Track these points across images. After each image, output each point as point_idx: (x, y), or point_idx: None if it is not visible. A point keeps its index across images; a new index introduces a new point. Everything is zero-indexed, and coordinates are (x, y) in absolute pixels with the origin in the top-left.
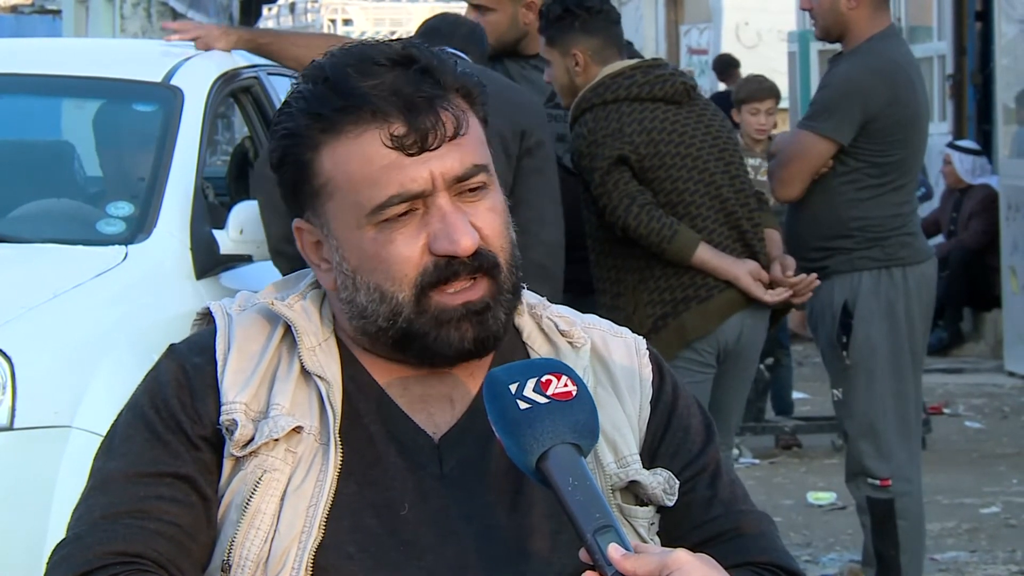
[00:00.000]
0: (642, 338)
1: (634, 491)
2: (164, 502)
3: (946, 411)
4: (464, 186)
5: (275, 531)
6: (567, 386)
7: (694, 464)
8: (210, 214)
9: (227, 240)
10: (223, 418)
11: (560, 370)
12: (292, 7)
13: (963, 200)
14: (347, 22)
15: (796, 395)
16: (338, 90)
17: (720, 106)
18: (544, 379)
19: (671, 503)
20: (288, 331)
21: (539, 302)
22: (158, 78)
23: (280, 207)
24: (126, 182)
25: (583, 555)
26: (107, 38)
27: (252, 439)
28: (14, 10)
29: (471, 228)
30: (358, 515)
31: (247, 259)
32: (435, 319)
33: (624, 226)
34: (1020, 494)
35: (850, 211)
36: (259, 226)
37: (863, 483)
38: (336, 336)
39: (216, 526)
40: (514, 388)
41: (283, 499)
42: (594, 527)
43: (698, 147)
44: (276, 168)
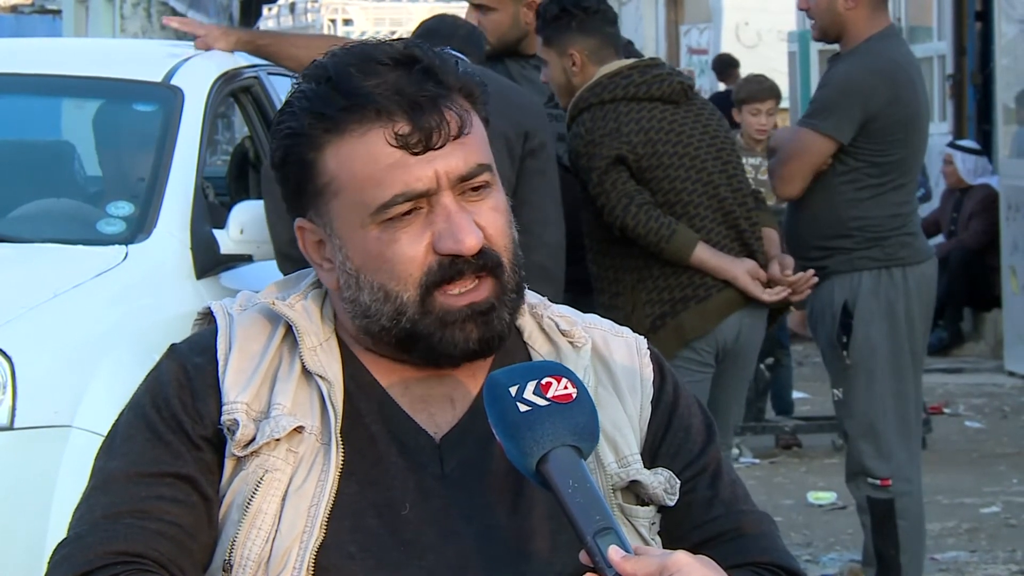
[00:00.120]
0: (643, 338)
1: (635, 491)
2: (165, 502)
3: (946, 411)
4: (468, 185)
5: (276, 531)
6: (567, 388)
7: (695, 464)
8: (210, 214)
9: (227, 240)
10: (224, 418)
11: (560, 372)
12: (292, 7)
13: (963, 200)
14: (347, 22)
15: (796, 395)
16: (342, 89)
17: (720, 106)
18: (544, 381)
19: (672, 503)
20: (289, 331)
21: (540, 302)
22: (158, 78)
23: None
24: (126, 182)
25: (583, 557)
26: (107, 38)
27: (253, 439)
28: (14, 10)
29: (475, 227)
30: (359, 515)
31: (247, 259)
32: (440, 320)
33: (622, 226)
34: (1020, 494)
35: (850, 211)
36: (260, 226)
37: (863, 483)
38: (337, 336)
39: (217, 526)
40: (514, 391)
41: (284, 499)
42: (594, 529)
43: (696, 147)
44: (278, 167)
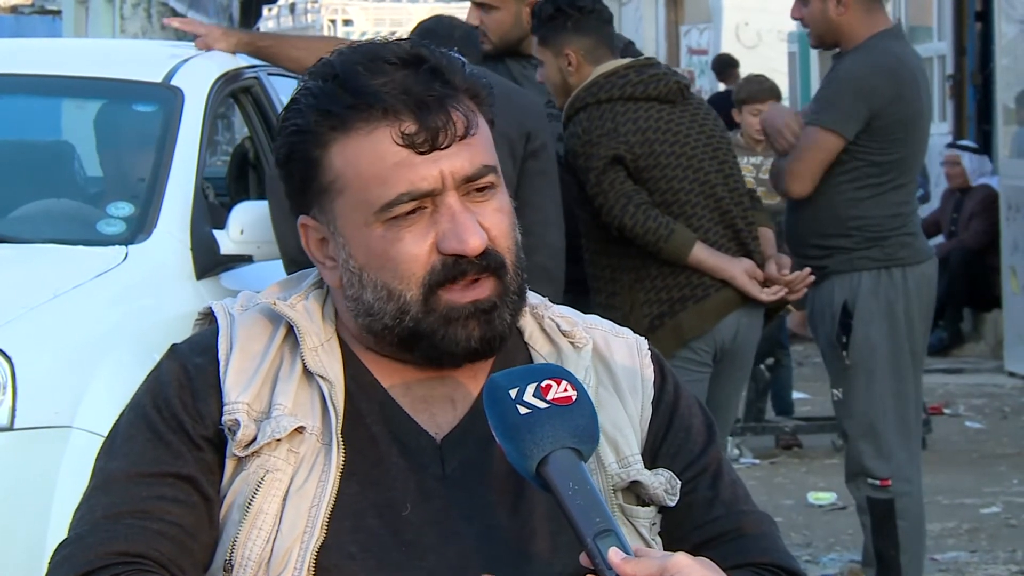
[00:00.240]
0: (644, 339)
1: (636, 491)
2: (166, 502)
3: (946, 411)
4: (473, 186)
5: (277, 531)
6: (567, 391)
7: (695, 464)
8: (210, 214)
9: (227, 240)
10: (225, 418)
11: (560, 375)
12: (292, 7)
13: (963, 200)
14: (347, 22)
15: (796, 395)
16: (349, 88)
17: (720, 106)
18: (544, 384)
19: (672, 503)
20: (290, 331)
21: (541, 302)
22: (158, 78)
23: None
24: (126, 182)
25: (584, 559)
26: (107, 38)
27: (254, 439)
28: (14, 10)
29: (480, 228)
30: (360, 515)
31: (247, 259)
32: (443, 317)
33: (620, 226)
34: (1020, 494)
35: (849, 210)
36: (260, 227)
37: (863, 483)
38: (338, 336)
39: (218, 526)
40: (514, 393)
41: (285, 499)
42: (594, 531)
43: (692, 146)
44: (283, 165)
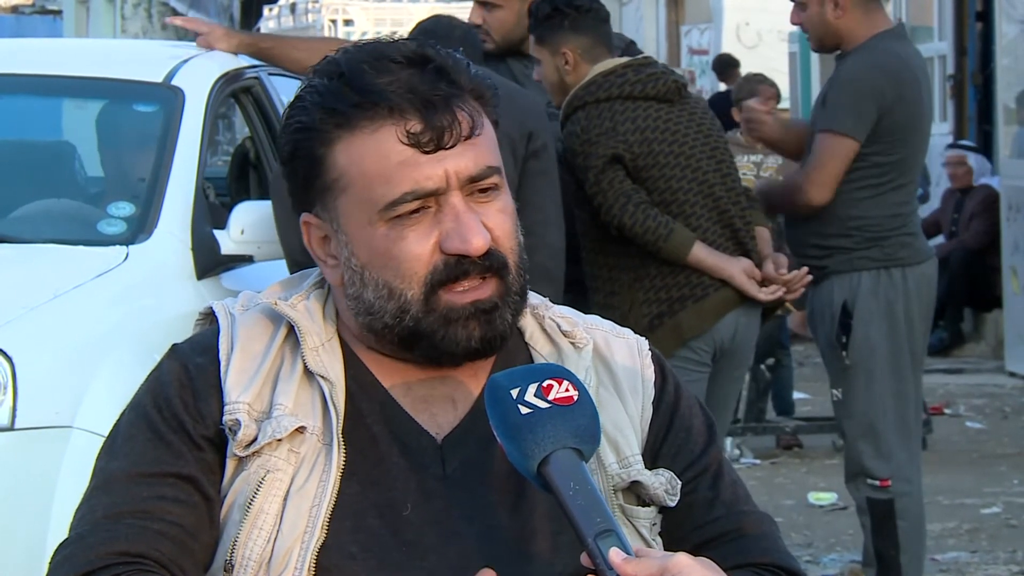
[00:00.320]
0: (644, 339)
1: (636, 491)
2: (167, 502)
3: (947, 411)
4: (477, 186)
5: (278, 531)
6: (568, 391)
7: (696, 465)
8: (211, 214)
9: (228, 240)
10: (226, 418)
11: (561, 375)
12: (293, 7)
13: (964, 200)
14: (348, 22)
15: (797, 395)
16: (354, 86)
17: (721, 106)
18: (545, 384)
19: (673, 503)
20: (291, 331)
21: (541, 303)
22: (159, 78)
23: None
24: (127, 182)
25: (585, 559)
26: (108, 38)
27: (255, 439)
28: (15, 10)
29: (483, 228)
30: (361, 515)
31: (248, 259)
32: (443, 317)
33: (620, 225)
34: (1021, 494)
35: (849, 210)
36: (260, 227)
37: (863, 484)
38: (339, 336)
39: (218, 526)
40: (515, 393)
41: (286, 499)
42: (595, 531)
43: (691, 145)
44: (287, 162)
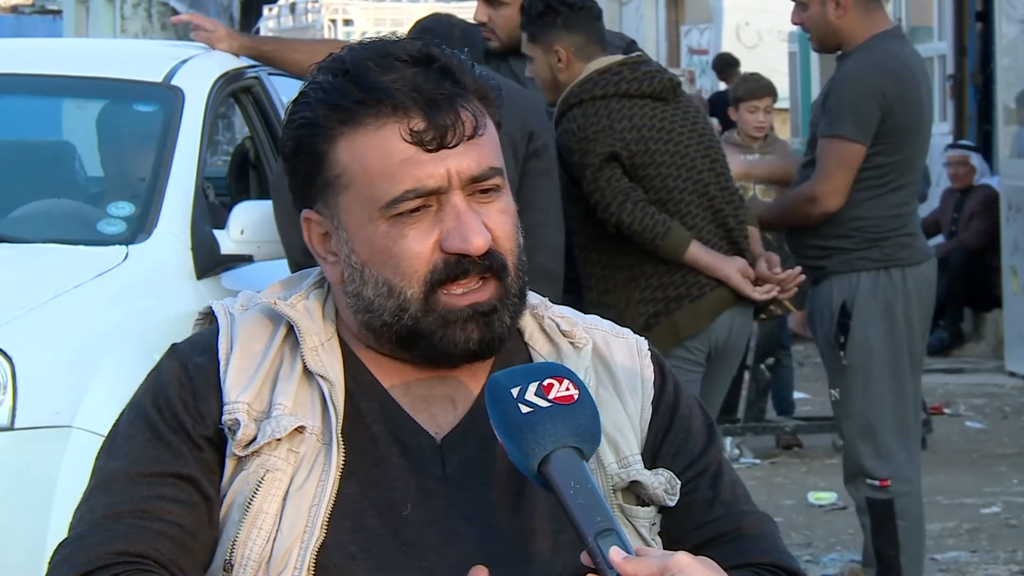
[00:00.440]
0: (644, 339)
1: (635, 491)
2: (166, 502)
3: (947, 411)
4: (478, 187)
5: (277, 531)
6: (569, 390)
7: (696, 465)
8: (211, 214)
9: (228, 240)
10: (225, 418)
11: (562, 374)
12: (292, 7)
13: (964, 200)
14: (347, 22)
15: (797, 395)
16: (359, 83)
17: (721, 105)
18: (546, 383)
19: (672, 503)
20: (291, 331)
21: (541, 302)
22: (159, 78)
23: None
24: (127, 182)
25: (585, 558)
26: (108, 38)
27: (254, 439)
28: (14, 10)
29: (484, 228)
30: (360, 515)
31: (248, 259)
32: (442, 319)
33: (618, 223)
34: (1021, 494)
35: (849, 211)
36: (260, 226)
37: (862, 484)
38: (339, 336)
39: (218, 526)
40: (516, 392)
41: (285, 499)
42: (596, 530)
43: (685, 144)
44: (289, 158)
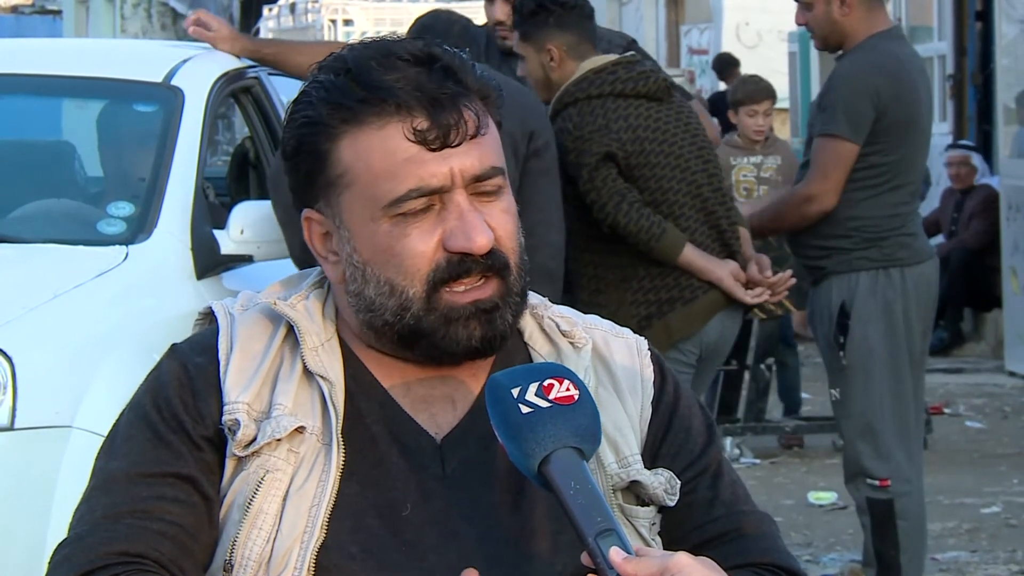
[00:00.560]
0: (644, 339)
1: (635, 491)
2: (166, 502)
3: (947, 411)
4: (481, 186)
5: (277, 531)
6: (569, 390)
7: (695, 465)
8: (211, 214)
9: (228, 240)
10: (225, 418)
11: (562, 374)
12: (292, 7)
13: (964, 200)
14: (347, 22)
15: None
16: (362, 82)
17: (721, 106)
18: (546, 383)
19: (672, 503)
20: (290, 331)
21: (540, 302)
22: (159, 78)
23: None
24: (127, 182)
25: (585, 558)
26: (108, 38)
27: (254, 439)
28: (14, 10)
29: (487, 227)
30: (360, 515)
31: (248, 259)
32: (444, 317)
33: (613, 223)
34: (1021, 494)
35: (847, 211)
36: (260, 226)
37: (862, 484)
38: (339, 336)
39: (218, 526)
40: (516, 392)
41: (285, 499)
42: (596, 530)
43: (679, 145)
44: (290, 157)
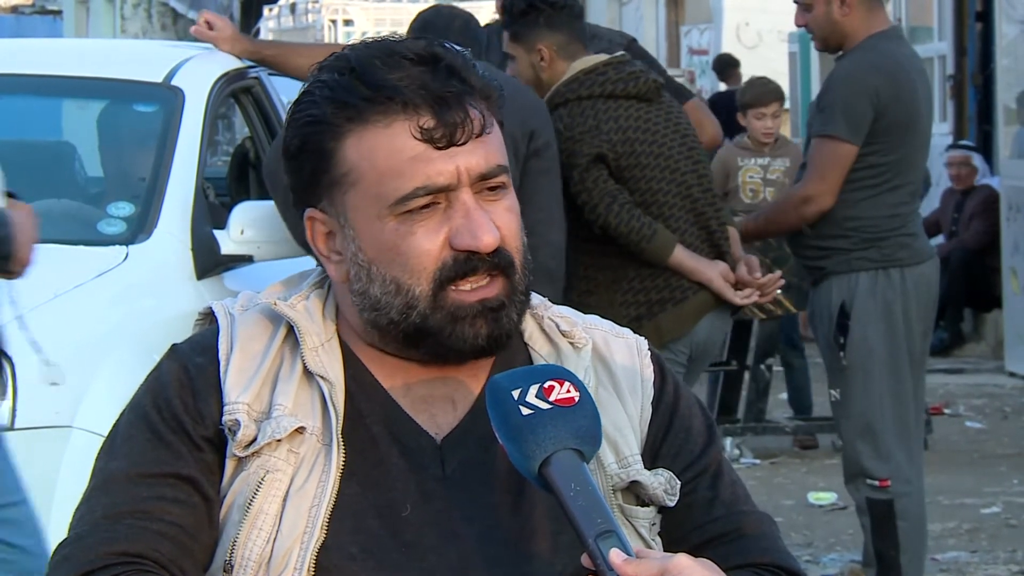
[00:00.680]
0: (644, 339)
1: (635, 491)
2: (166, 503)
3: (947, 411)
4: (486, 184)
5: (277, 531)
6: (569, 392)
7: (696, 465)
8: (211, 214)
9: (228, 240)
10: (225, 418)
11: (562, 376)
12: (293, 7)
13: (964, 200)
14: (348, 22)
15: None
16: (366, 80)
17: (722, 106)
18: (547, 385)
19: (672, 503)
20: (291, 331)
21: (540, 303)
22: (159, 78)
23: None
24: (127, 182)
25: (585, 560)
26: (108, 38)
27: (255, 439)
28: (14, 10)
29: (493, 226)
30: (360, 516)
31: (248, 259)
32: (451, 315)
33: (604, 224)
34: (1021, 494)
35: (846, 211)
36: (260, 226)
37: (862, 484)
38: (339, 336)
39: (218, 526)
40: (516, 394)
41: (285, 499)
42: (596, 532)
43: (669, 146)
44: (293, 156)
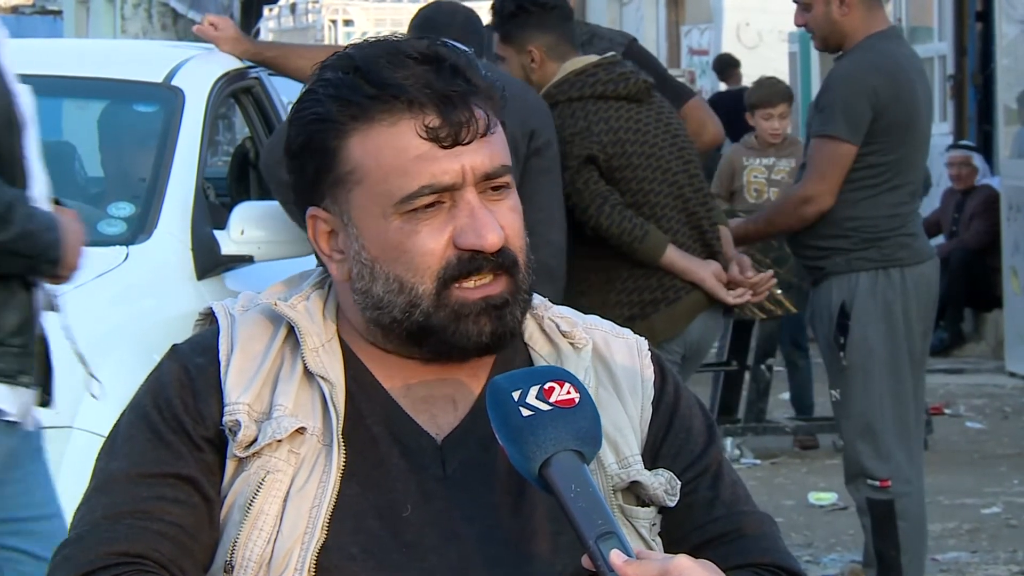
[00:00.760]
0: (644, 339)
1: (635, 492)
2: (166, 503)
3: (947, 411)
4: (490, 184)
5: (278, 532)
6: (570, 393)
7: (696, 465)
8: (211, 214)
9: (228, 240)
10: (226, 419)
11: (563, 377)
12: (293, 7)
13: (965, 200)
14: (348, 22)
15: None
16: (371, 79)
17: (721, 106)
18: (547, 386)
19: (672, 504)
20: (291, 332)
21: (541, 303)
22: (159, 79)
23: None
24: (127, 182)
25: (586, 561)
26: (108, 39)
27: (255, 440)
28: (15, 10)
29: (498, 225)
30: (361, 516)
31: (248, 260)
32: (454, 313)
33: (596, 225)
34: (1021, 494)
35: (846, 211)
36: (261, 226)
37: (862, 484)
38: (339, 337)
39: (218, 527)
40: (517, 395)
41: (286, 500)
42: (596, 533)
43: (660, 146)
44: (296, 154)
